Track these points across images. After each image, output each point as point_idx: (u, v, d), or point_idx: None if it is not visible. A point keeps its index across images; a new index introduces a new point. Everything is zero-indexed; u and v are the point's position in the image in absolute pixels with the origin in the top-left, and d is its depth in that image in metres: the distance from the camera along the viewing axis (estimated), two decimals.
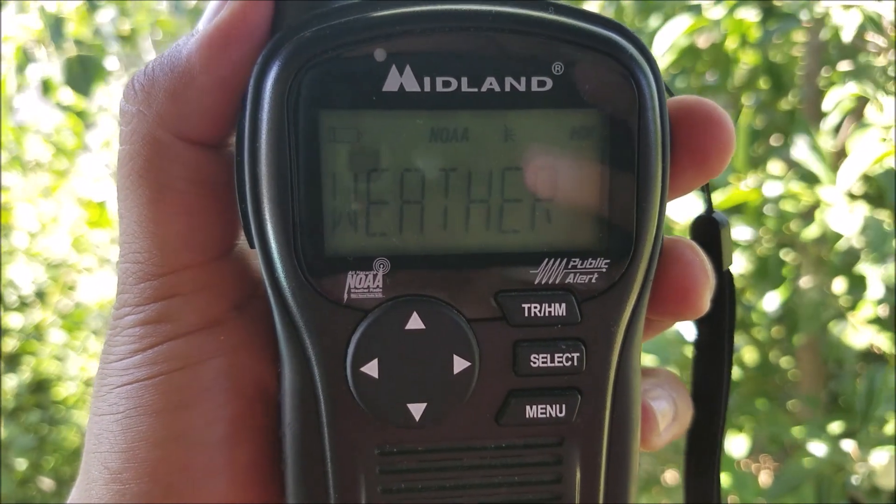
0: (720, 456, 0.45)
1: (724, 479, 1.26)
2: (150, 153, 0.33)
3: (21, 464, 2.25)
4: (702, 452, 0.45)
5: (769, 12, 1.18)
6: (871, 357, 1.41)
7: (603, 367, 0.35)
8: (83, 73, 1.66)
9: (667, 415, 0.40)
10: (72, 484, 0.37)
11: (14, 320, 2.41)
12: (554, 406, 0.35)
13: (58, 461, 2.37)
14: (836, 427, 1.24)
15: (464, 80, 0.32)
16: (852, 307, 1.23)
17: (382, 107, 0.32)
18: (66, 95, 1.95)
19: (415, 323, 0.33)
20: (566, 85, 0.32)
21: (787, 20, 1.16)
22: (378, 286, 0.33)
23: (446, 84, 0.32)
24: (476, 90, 0.32)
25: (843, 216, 1.05)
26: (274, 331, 0.34)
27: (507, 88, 0.32)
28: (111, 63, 2.08)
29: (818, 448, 1.19)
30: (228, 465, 0.35)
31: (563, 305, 0.34)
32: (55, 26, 1.64)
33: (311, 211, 0.32)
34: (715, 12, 1.17)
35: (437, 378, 0.34)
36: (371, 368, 0.33)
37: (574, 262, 0.34)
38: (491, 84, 0.32)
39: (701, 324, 0.45)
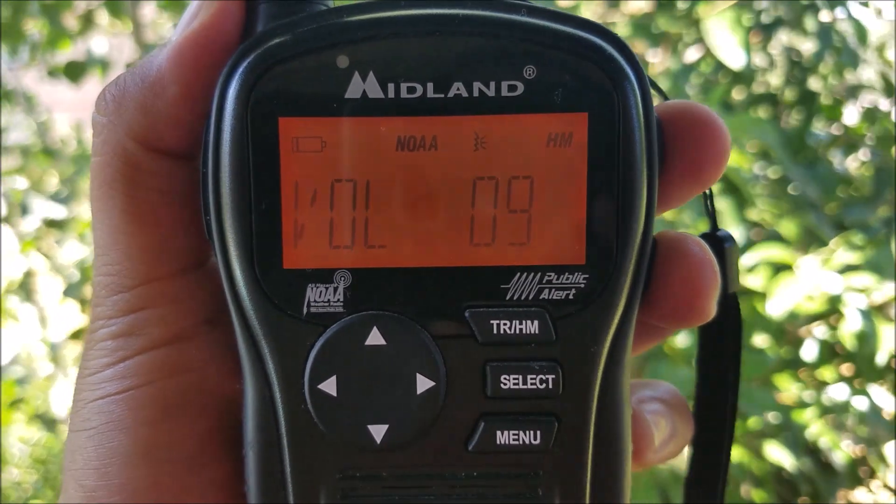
0: (725, 483, 0.42)
1: None
2: (121, 164, 0.33)
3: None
4: (705, 479, 0.43)
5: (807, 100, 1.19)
6: None
7: (583, 391, 0.33)
8: None
9: (663, 430, 0.38)
10: None
11: None
12: (528, 433, 0.32)
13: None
14: None
15: (429, 85, 0.31)
16: None
17: (345, 114, 0.31)
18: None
19: (375, 338, 0.32)
20: (539, 89, 0.31)
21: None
22: (339, 300, 0.32)
23: (411, 90, 0.31)
24: (442, 96, 0.31)
25: None
26: (236, 346, 0.33)
27: (476, 94, 0.31)
28: None
29: None
30: (200, 483, 0.34)
31: (536, 323, 0.32)
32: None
33: (271, 221, 0.31)
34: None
35: (399, 398, 0.32)
36: (329, 386, 0.32)
37: (549, 276, 0.32)
38: (458, 90, 0.31)
39: (705, 354, 0.43)
